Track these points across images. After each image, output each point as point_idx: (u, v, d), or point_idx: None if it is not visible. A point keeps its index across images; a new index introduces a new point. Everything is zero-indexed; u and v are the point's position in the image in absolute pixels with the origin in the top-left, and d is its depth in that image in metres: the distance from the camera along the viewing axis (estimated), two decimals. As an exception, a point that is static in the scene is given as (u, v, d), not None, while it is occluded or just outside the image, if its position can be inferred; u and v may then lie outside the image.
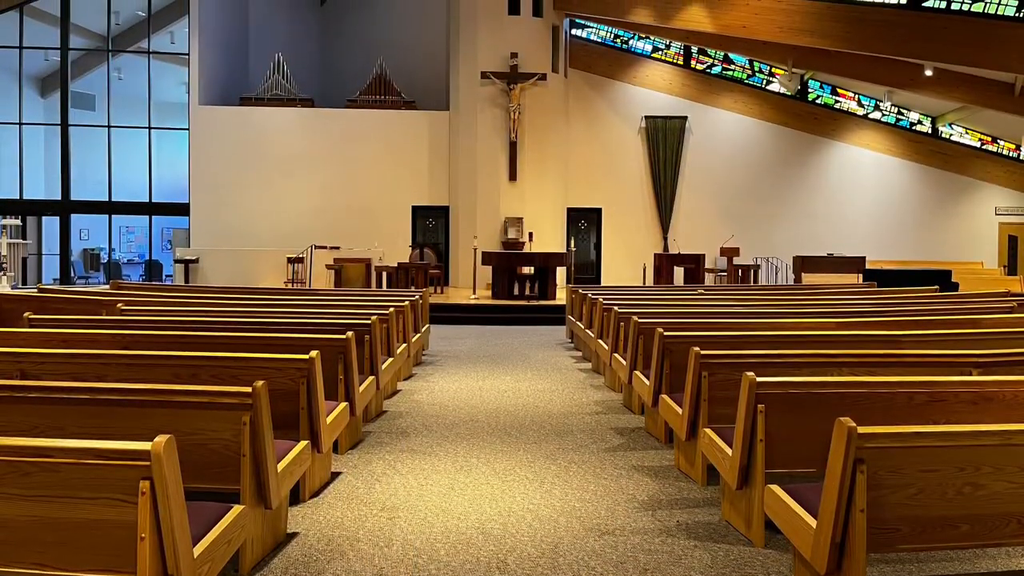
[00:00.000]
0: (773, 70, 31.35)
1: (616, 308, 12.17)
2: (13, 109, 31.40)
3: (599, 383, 13.37)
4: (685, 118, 31.67)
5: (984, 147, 31.41)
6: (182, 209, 30.81)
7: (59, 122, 31.49)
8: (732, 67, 31.94)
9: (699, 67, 32.01)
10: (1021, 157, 30.95)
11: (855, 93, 31.69)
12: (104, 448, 4.12)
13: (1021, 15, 23.34)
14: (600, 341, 13.46)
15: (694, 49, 31.70)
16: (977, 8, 23.86)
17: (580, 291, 17.08)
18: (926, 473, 4.55)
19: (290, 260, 26.99)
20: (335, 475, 7.97)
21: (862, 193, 31.96)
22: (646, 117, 31.69)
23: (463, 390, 12.60)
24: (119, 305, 11.91)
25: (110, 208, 31.81)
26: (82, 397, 5.51)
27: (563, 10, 29.59)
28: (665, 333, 8.75)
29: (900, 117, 31.66)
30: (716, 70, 31.98)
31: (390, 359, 11.09)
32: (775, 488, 5.48)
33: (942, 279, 22.47)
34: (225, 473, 5.50)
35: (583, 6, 29.45)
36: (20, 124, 31.44)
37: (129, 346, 8.22)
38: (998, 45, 23.43)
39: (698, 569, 5.87)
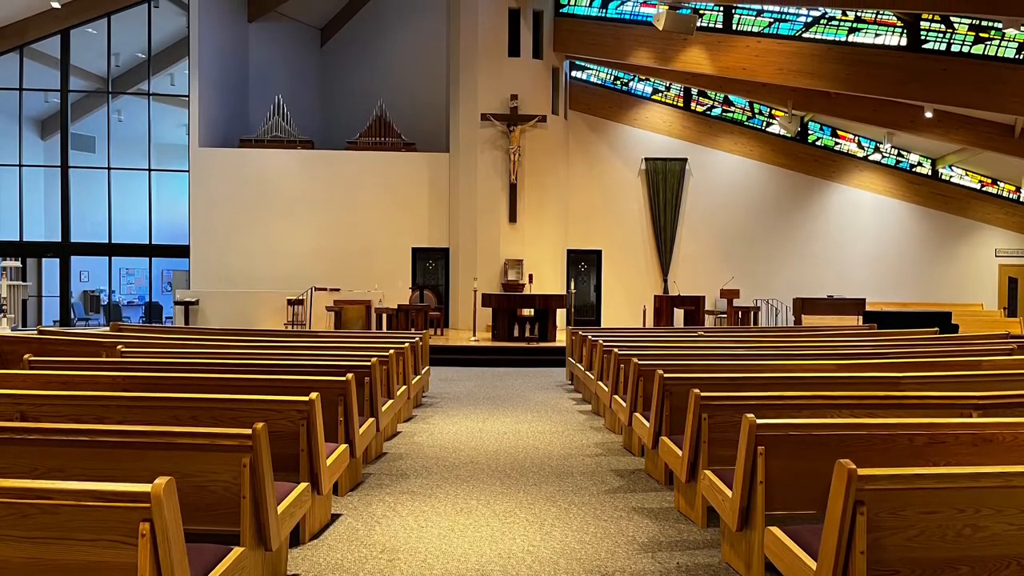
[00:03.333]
0: (773, 112, 31.45)
1: (616, 350, 12.17)
2: (13, 151, 31.47)
3: (599, 425, 13.36)
4: (685, 160, 31.74)
5: (984, 189, 31.48)
6: (182, 251, 30.83)
7: (59, 164, 31.54)
8: (732, 109, 32.05)
9: (699, 109, 32.11)
10: (1021, 199, 31.01)
11: (855, 135, 31.78)
12: (104, 490, 4.11)
13: (1021, 57, 23.44)
14: (600, 383, 13.45)
15: (694, 91, 31.82)
16: (977, 50, 23.97)
17: (580, 333, 17.10)
18: (926, 515, 4.54)
19: (290, 302, 27.01)
20: (335, 517, 7.96)
21: (862, 235, 32.00)
22: (646, 159, 31.76)
23: (463, 432, 12.59)
24: (119, 347, 11.91)
25: (110, 250, 31.83)
26: (82, 439, 5.51)
27: (563, 52, 29.73)
28: (665, 375, 8.76)
29: (900, 159, 31.74)
30: (716, 112, 32.09)
31: (390, 401, 11.10)
32: (775, 530, 5.47)
33: (942, 321, 22.50)
34: (225, 515, 5.49)
35: (583, 48, 29.57)
36: (20, 166, 31.49)
37: (129, 388, 8.22)
38: (998, 87, 23.49)
39: (699, 612, 5.86)
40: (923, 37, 24.59)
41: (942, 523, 4.56)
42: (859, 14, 25.36)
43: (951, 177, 31.64)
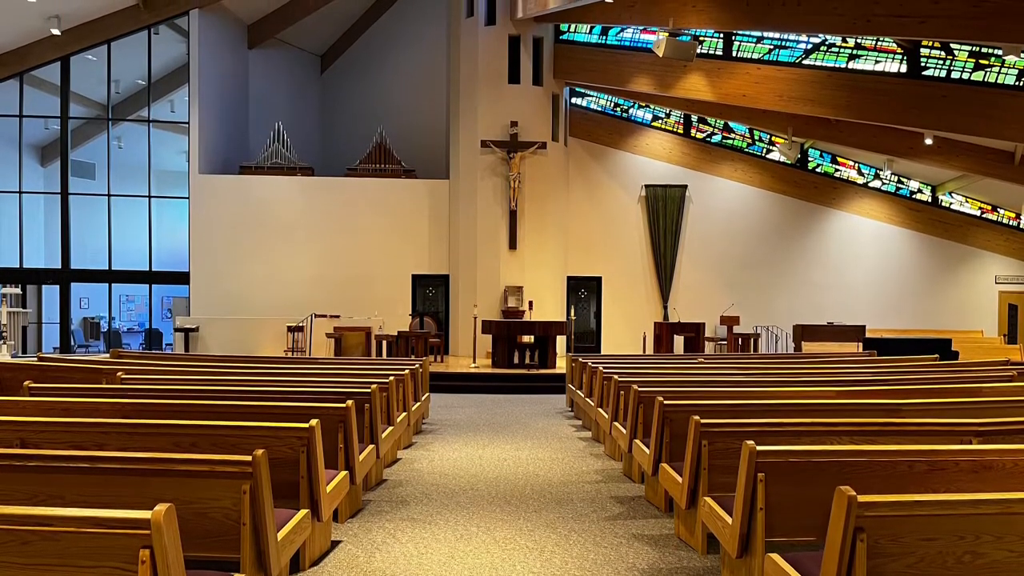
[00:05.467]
0: (773, 139, 31.47)
1: (616, 377, 12.18)
2: (13, 177, 31.43)
3: (599, 452, 13.35)
4: (685, 187, 31.77)
5: (984, 215, 31.49)
6: (182, 278, 30.83)
7: (59, 191, 31.49)
8: (732, 136, 32.09)
9: (699, 136, 32.14)
10: (1021, 225, 31.03)
11: (855, 162, 31.81)
12: (104, 517, 4.11)
13: (1021, 84, 23.48)
14: (600, 410, 13.45)
15: (694, 118, 31.86)
16: (977, 77, 24.01)
17: (580, 360, 17.11)
18: (926, 542, 4.53)
19: (290, 329, 27.00)
20: (335, 543, 7.95)
21: (862, 262, 32.01)
22: (646, 186, 31.79)
23: (463, 459, 12.58)
24: (119, 374, 11.91)
25: (110, 277, 31.77)
26: (82, 466, 5.51)
27: (563, 79, 29.79)
28: (665, 402, 8.77)
29: (900, 186, 31.77)
30: (716, 139, 32.12)
31: (390, 427, 11.10)
32: (775, 557, 5.46)
33: (942, 348, 22.46)
34: (225, 542, 5.49)
35: (583, 75, 29.64)
36: (20, 192, 31.44)
37: (129, 415, 8.23)
38: (998, 114, 23.48)
39: (699, 639, 5.86)
40: (923, 64, 24.64)
41: (942, 550, 4.56)
42: (859, 41, 25.42)
43: (951, 204, 31.67)
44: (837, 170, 32.02)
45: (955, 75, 24.33)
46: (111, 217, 31.27)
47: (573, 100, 31.89)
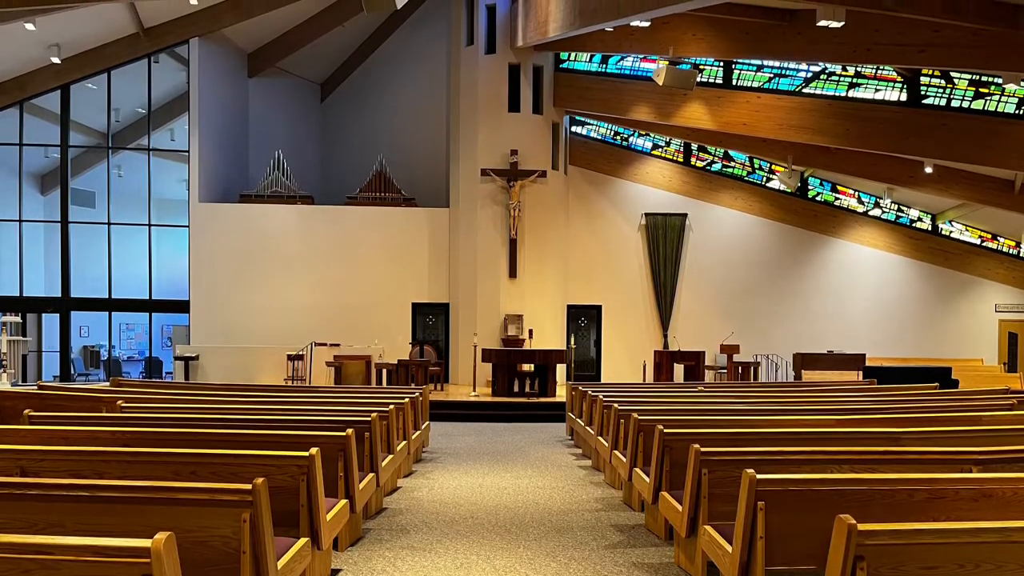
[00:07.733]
0: (773, 167, 31.48)
1: (616, 405, 12.18)
2: (13, 206, 31.41)
3: (599, 480, 13.33)
4: (685, 215, 31.78)
5: (984, 244, 31.50)
6: (182, 306, 30.82)
7: (59, 219, 31.46)
8: (732, 164, 32.10)
9: (699, 164, 32.15)
10: (1021, 254, 31.02)
11: (855, 190, 31.83)
12: (104, 545, 4.11)
13: (1021, 112, 23.52)
14: (600, 438, 13.43)
15: (694, 146, 31.88)
16: (977, 105, 24.06)
17: (580, 388, 17.10)
18: (926, 570, 4.53)
19: (290, 357, 26.97)
20: (335, 572, 7.94)
21: (862, 290, 31.99)
22: (646, 214, 31.81)
23: (463, 487, 12.56)
24: (119, 402, 11.90)
25: (110, 305, 31.72)
26: (82, 494, 5.51)
27: (563, 107, 29.84)
28: (665, 430, 8.76)
29: (900, 214, 31.78)
30: (716, 167, 32.12)
31: (390, 456, 11.09)
32: (776, 586, 5.46)
33: (942, 376, 22.46)
34: (225, 570, 5.47)
35: (583, 103, 29.69)
36: (20, 221, 31.41)
37: (129, 443, 8.22)
38: (998, 142, 23.51)
39: (699, 668, 5.84)
40: (923, 92, 24.71)
41: (942, 578, 4.56)
42: (859, 69, 25.48)
43: (951, 232, 31.68)
44: (837, 198, 32.04)
45: (955, 103, 24.39)
46: (111, 245, 31.24)
47: (573, 128, 31.93)
